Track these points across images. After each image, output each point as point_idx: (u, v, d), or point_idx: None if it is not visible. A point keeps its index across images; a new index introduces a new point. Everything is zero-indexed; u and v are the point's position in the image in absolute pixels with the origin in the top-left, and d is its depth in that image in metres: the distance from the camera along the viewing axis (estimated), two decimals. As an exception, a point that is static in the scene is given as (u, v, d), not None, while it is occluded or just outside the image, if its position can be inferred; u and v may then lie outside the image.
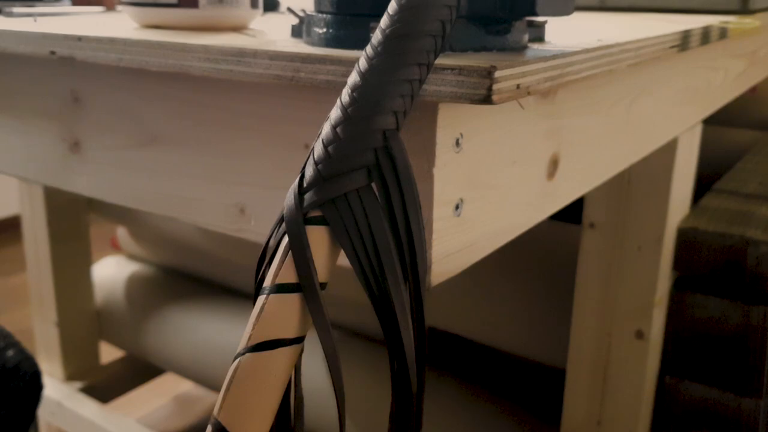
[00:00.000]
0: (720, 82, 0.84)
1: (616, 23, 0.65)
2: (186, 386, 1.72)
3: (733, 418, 0.82)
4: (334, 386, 0.27)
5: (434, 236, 0.38)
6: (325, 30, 0.40)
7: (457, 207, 0.39)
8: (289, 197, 0.28)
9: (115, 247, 1.60)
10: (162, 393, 1.69)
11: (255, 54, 0.40)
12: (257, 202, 0.47)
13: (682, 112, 0.74)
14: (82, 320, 1.43)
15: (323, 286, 0.27)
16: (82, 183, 0.57)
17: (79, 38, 0.48)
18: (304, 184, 0.27)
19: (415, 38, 0.26)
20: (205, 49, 0.42)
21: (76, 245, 1.39)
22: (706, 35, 0.62)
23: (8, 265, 2.41)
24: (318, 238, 0.27)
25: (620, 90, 0.56)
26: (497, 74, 0.32)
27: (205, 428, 0.26)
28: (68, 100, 0.55)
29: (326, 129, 0.27)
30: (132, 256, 1.57)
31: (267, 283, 0.27)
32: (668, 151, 0.79)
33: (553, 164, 0.48)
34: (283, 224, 0.28)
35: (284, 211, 0.28)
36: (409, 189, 0.26)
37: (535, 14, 0.37)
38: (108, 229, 1.87)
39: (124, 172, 0.53)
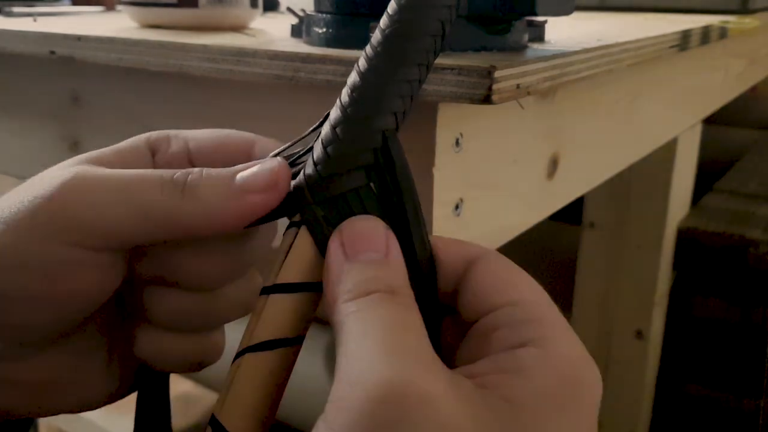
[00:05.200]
0: (720, 82, 0.84)
1: (616, 23, 0.65)
2: (186, 386, 1.72)
3: (733, 418, 0.82)
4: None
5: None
6: (325, 30, 0.40)
7: (457, 207, 0.39)
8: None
9: (115, 247, 1.60)
10: (162, 393, 1.69)
11: (255, 54, 0.40)
12: (257, 202, 0.46)
13: (682, 111, 0.74)
14: (82, 320, 1.43)
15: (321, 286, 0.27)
16: (82, 183, 0.57)
17: (79, 38, 0.48)
18: (304, 184, 0.27)
19: (415, 38, 0.26)
20: (205, 48, 0.42)
21: (76, 245, 1.39)
22: (706, 35, 0.62)
23: (8, 265, 2.41)
24: (317, 237, 0.27)
25: (620, 90, 0.56)
26: (497, 74, 0.32)
27: (205, 428, 0.26)
28: (68, 100, 0.55)
29: (325, 129, 0.27)
30: (132, 256, 1.56)
31: (267, 283, 0.27)
32: (668, 151, 0.79)
33: (553, 164, 0.48)
34: (283, 224, 0.27)
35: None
36: (408, 188, 0.26)
37: (535, 14, 0.37)
38: (108, 229, 1.87)
39: (124, 172, 0.53)
